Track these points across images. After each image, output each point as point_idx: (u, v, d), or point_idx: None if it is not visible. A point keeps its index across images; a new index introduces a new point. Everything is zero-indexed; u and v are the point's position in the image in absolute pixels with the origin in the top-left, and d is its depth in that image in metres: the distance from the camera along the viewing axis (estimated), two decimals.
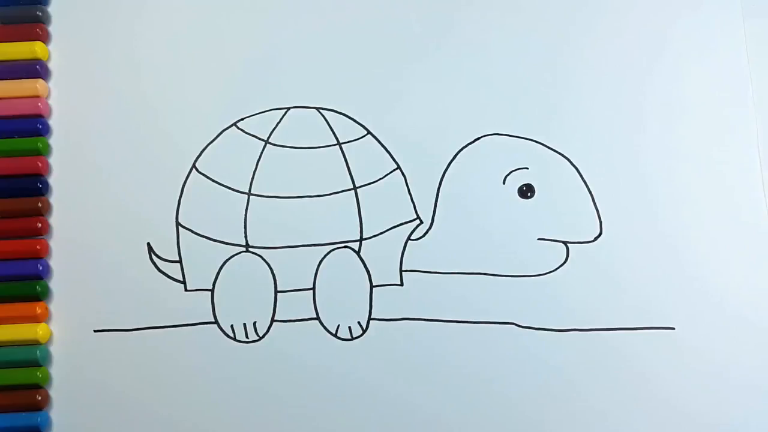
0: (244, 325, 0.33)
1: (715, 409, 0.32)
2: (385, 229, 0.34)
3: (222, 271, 0.34)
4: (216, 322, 0.34)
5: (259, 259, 0.34)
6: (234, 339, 0.33)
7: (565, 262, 0.34)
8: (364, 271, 0.34)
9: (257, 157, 0.35)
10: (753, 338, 0.33)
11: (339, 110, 0.35)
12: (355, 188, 0.34)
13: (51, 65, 0.36)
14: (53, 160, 0.35)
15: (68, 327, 0.34)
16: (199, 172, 0.35)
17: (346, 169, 0.35)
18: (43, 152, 0.35)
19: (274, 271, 0.34)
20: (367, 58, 0.36)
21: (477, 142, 0.35)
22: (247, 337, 0.33)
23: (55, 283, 0.34)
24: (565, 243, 0.34)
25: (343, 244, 0.34)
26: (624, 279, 0.34)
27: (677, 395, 0.33)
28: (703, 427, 0.32)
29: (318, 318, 0.34)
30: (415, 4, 0.36)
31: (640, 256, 0.34)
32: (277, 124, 0.35)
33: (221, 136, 0.35)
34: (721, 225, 0.34)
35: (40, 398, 0.33)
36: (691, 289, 0.34)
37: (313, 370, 0.33)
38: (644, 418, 0.32)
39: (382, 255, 0.34)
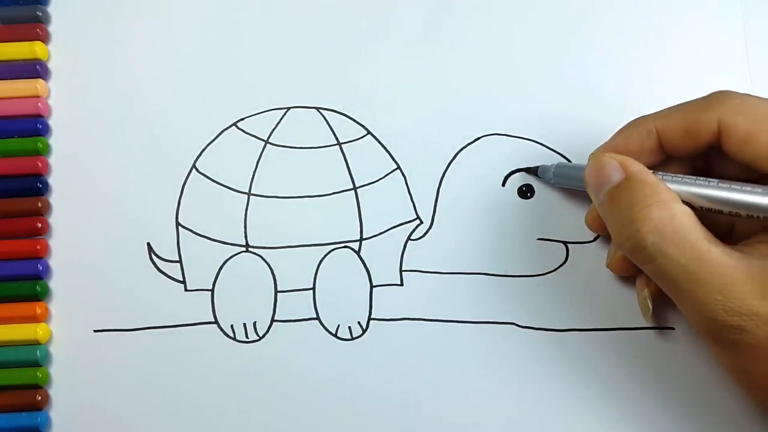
0: (244, 325, 0.33)
1: (715, 409, 0.32)
2: (385, 229, 0.34)
3: (222, 271, 0.34)
4: (216, 322, 0.34)
5: (259, 259, 0.34)
6: (234, 339, 0.33)
7: (565, 262, 0.34)
8: (364, 271, 0.34)
9: (257, 157, 0.35)
10: None
11: (339, 110, 0.35)
12: (355, 188, 0.34)
13: (51, 65, 0.36)
14: (53, 160, 0.35)
15: (68, 327, 0.34)
16: (199, 172, 0.35)
17: (346, 169, 0.35)
18: (43, 152, 0.35)
19: (274, 271, 0.34)
20: (367, 58, 0.36)
21: (477, 142, 0.35)
22: (247, 337, 0.33)
23: (55, 283, 0.34)
24: (565, 243, 0.34)
25: (343, 244, 0.34)
26: (624, 279, 0.33)
27: (677, 395, 0.32)
28: (703, 427, 0.32)
29: (318, 318, 0.34)
30: (415, 4, 0.36)
31: None
32: (277, 124, 0.35)
33: (221, 136, 0.35)
34: None
35: (40, 398, 0.33)
36: None
37: (313, 370, 0.33)
38: (644, 418, 0.32)
39: (382, 255, 0.34)
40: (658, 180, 0.27)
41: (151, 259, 0.34)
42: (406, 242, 0.34)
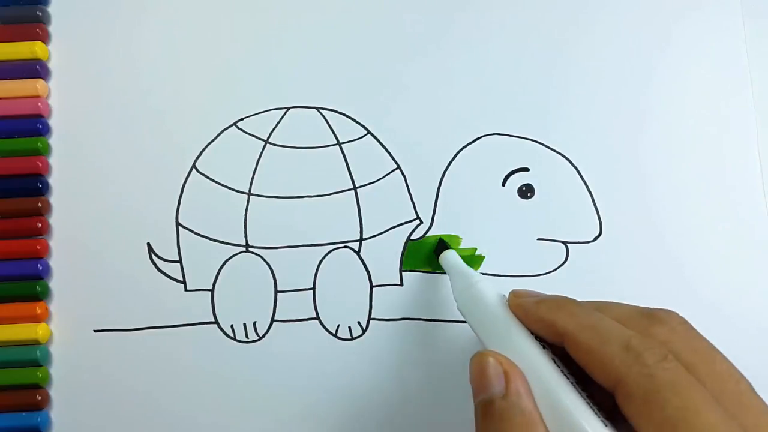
0: (244, 325, 0.33)
1: None
2: (385, 229, 0.34)
3: (222, 271, 0.34)
4: (216, 322, 0.34)
5: (259, 259, 0.34)
6: (234, 339, 0.33)
7: (565, 262, 0.34)
8: (364, 271, 0.34)
9: (257, 157, 0.35)
10: (753, 339, 0.33)
11: (339, 110, 0.35)
12: (355, 188, 0.34)
13: (51, 65, 0.36)
14: (53, 160, 0.35)
15: (68, 327, 0.34)
16: (199, 172, 0.35)
17: (346, 169, 0.35)
18: (43, 152, 0.35)
19: (274, 271, 0.34)
20: (367, 58, 0.36)
21: (477, 142, 0.35)
22: (247, 337, 0.33)
23: (55, 283, 0.34)
24: (565, 243, 0.34)
25: (343, 244, 0.34)
26: (623, 279, 0.34)
27: None
28: None
29: (318, 318, 0.34)
30: (415, 4, 0.36)
31: (640, 256, 0.34)
32: (277, 124, 0.35)
33: (221, 136, 0.35)
34: (721, 225, 0.34)
35: (40, 398, 0.33)
36: (690, 289, 0.34)
37: (313, 370, 0.33)
38: None
39: (382, 255, 0.34)
40: (534, 410, 0.24)
41: (151, 259, 0.34)
42: (407, 242, 0.34)
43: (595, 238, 0.34)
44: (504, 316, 0.27)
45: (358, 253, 0.34)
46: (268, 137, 0.35)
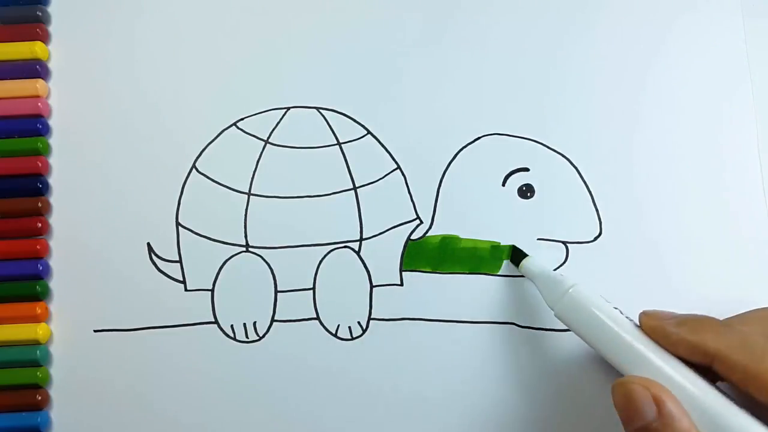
0: (244, 325, 0.33)
1: None
2: (385, 229, 0.34)
3: (222, 271, 0.34)
4: (216, 322, 0.34)
5: (259, 259, 0.34)
6: (234, 339, 0.33)
7: (564, 262, 0.34)
8: (364, 271, 0.34)
9: (257, 157, 0.35)
10: None
11: (339, 110, 0.35)
12: (355, 188, 0.34)
13: (51, 65, 0.36)
14: (53, 160, 0.35)
15: (68, 327, 0.34)
16: (199, 172, 0.35)
17: (346, 169, 0.35)
18: (43, 152, 0.35)
19: (274, 271, 0.34)
20: (367, 58, 0.36)
21: (477, 142, 0.35)
22: (247, 337, 0.33)
23: (55, 283, 0.34)
24: (564, 243, 0.34)
25: (343, 244, 0.34)
26: (623, 279, 0.34)
27: None
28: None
29: (318, 318, 0.34)
30: (415, 4, 0.36)
31: (640, 256, 0.34)
32: (277, 124, 0.35)
33: (221, 136, 0.35)
34: (721, 225, 0.34)
35: (40, 398, 0.33)
36: (690, 289, 0.34)
37: (313, 370, 0.33)
38: None
39: (382, 255, 0.34)
40: (691, 428, 0.24)
41: (151, 259, 0.34)
42: (407, 242, 0.34)
43: (595, 238, 0.34)
44: (642, 338, 0.27)
45: (358, 253, 0.34)
46: (268, 137, 0.35)
